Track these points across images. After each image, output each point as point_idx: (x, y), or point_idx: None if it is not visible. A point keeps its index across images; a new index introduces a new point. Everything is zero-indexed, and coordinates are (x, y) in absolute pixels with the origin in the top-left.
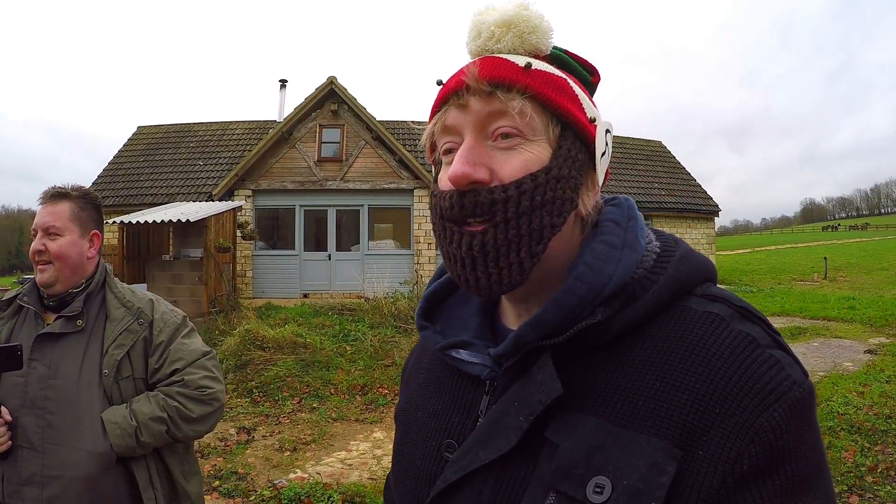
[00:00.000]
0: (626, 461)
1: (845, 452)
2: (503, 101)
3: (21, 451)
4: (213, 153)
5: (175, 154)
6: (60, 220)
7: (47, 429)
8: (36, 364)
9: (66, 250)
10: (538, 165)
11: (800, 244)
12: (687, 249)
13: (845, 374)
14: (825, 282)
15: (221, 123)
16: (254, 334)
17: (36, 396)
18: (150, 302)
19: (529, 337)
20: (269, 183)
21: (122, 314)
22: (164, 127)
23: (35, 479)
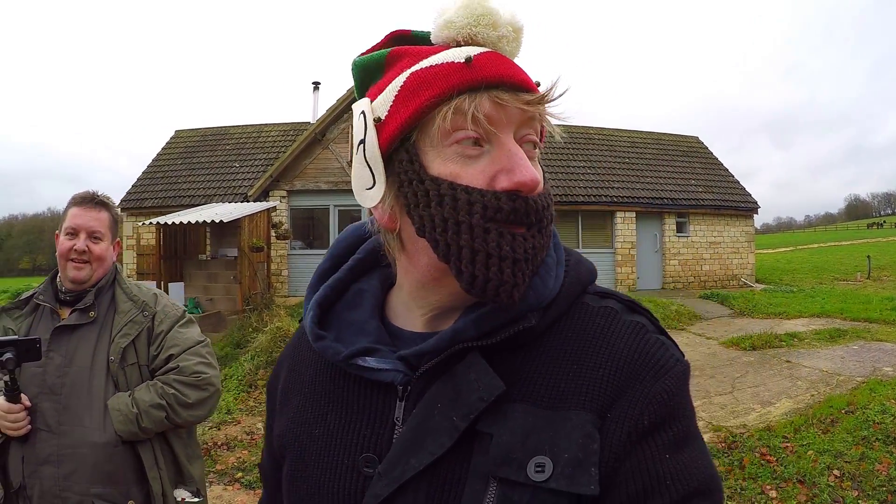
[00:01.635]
0: (561, 437)
1: (879, 465)
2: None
3: (39, 434)
4: (248, 155)
5: (212, 156)
6: (103, 226)
7: (63, 412)
8: (53, 354)
9: (105, 253)
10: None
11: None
12: (578, 255)
13: (884, 380)
14: (868, 281)
15: (256, 126)
16: (284, 332)
17: (53, 384)
18: (153, 296)
19: (469, 334)
20: (303, 184)
21: (129, 307)
22: (200, 130)
23: (52, 459)
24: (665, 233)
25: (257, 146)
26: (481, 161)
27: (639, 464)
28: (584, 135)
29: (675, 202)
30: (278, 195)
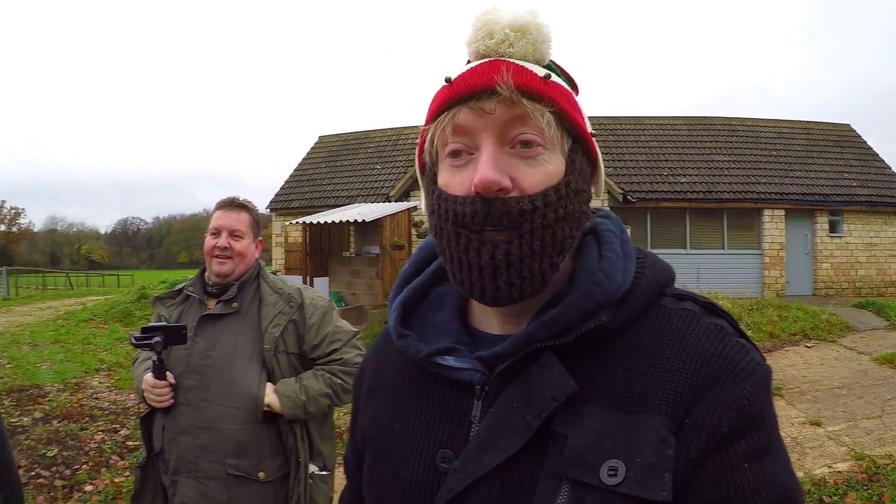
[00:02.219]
0: (635, 441)
1: None
2: (530, 110)
3: (180, 408)
4: (388, 157)
5: (354, 159)
6: (244, 225)
7: (203, 390)
8: (198, 339)
9: (245, 249)
10: (557, 178)
11: None
12: (654, 256)
13: None
14: None
15: (396, 129)
16: None
17: (197, 364)
18: (298, 290)
19: (541, 335)
20: None
21: (276, 299)
22: (342, 135)
23: (189, 430)
24: (817, 233)
25: (397, 148)
26: (467, 169)
27: (716, 472)
28: (726, 126)
29: (828, 199)
30: (419, 195)
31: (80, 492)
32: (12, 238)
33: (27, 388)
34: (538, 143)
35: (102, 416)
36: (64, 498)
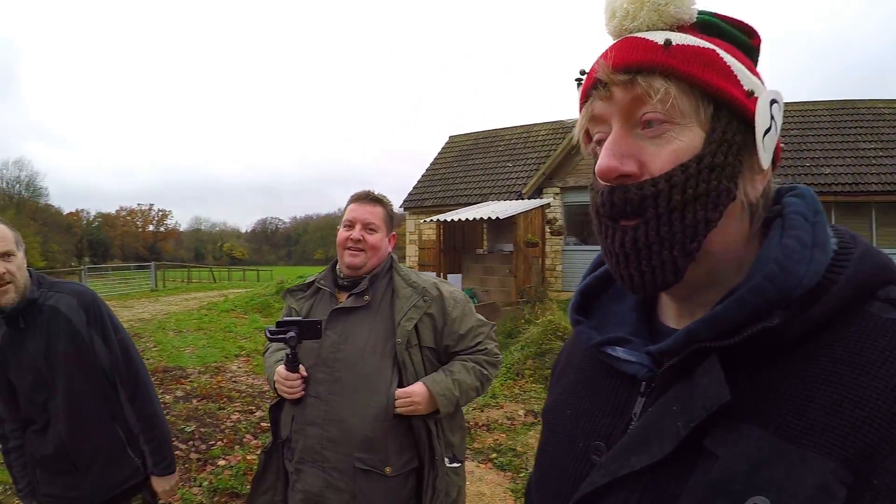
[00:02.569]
0: (791, 481)
1: None
2: (644, 86)
3: (310, 400)
4: (520, 155)
5: (485, 158)
6: (377, 218)
7: (334, 383)
8: (329, 332)
9: (379, 243)
10: (689, 154)
11: None
12: (867, 246)
13: None
14: None
15: (525, 127)
16: (556, 325)
17: (327, 357)
18: (434, 284)
19: (702, 334)
20: (575, 180)
21: (410, 293)
22: (473, 134)
23: (318, 422)
24: None
25: (528, 146)
26: None
27: None
28: (872, 111)
29: None
30: (552, 192)
31: (213, 465)
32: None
33: (171, 369)
34: (662, 119)
35: (239, 398)
36: (197, 470)
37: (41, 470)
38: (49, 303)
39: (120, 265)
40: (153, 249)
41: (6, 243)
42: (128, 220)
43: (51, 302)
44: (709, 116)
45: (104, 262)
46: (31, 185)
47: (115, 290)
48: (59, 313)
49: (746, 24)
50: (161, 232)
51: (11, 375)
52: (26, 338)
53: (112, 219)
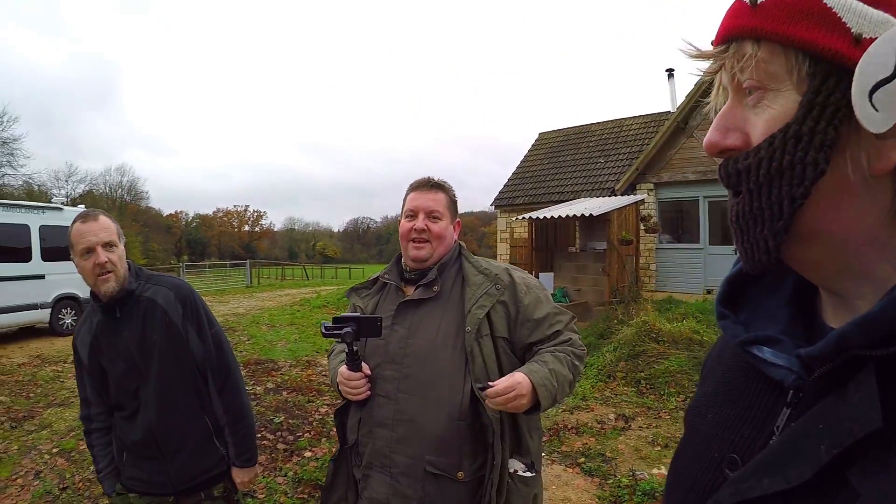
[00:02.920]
0: None
1: None
2: (733, 53)
3: (378, 399)
4: (611, 150)
5: (576, 154)
6: (441, 206)
7: (403, 381)
8: (397, 327)
9: (444, 231)
10: (781, 122)
11: None
12: None
13: None
14: None
15: (616, 121)
16: (650, 326)
17: (395, 353)
18: (505, 270)
19: (855, 340)
20: (670, 175)
21: (481, 280)
22: (563, 131)
23: (387, 423)
24: None
25: (619, 141)
26: None
27: None
28: None
29: None
30: (645, 188)
31: (299, 456)
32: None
33: (263, 361)
34: (757, 86)
35: (329, 392)
36: (284, 460)
37: (128, 454)
38: (146, 294)
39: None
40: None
41: (109, 234)
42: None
43: (148, 294)
44: (804, 76)
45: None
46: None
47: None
48: (156, 305)
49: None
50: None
51: (104, 362)
52: (122, 327)
53: (209, 219)
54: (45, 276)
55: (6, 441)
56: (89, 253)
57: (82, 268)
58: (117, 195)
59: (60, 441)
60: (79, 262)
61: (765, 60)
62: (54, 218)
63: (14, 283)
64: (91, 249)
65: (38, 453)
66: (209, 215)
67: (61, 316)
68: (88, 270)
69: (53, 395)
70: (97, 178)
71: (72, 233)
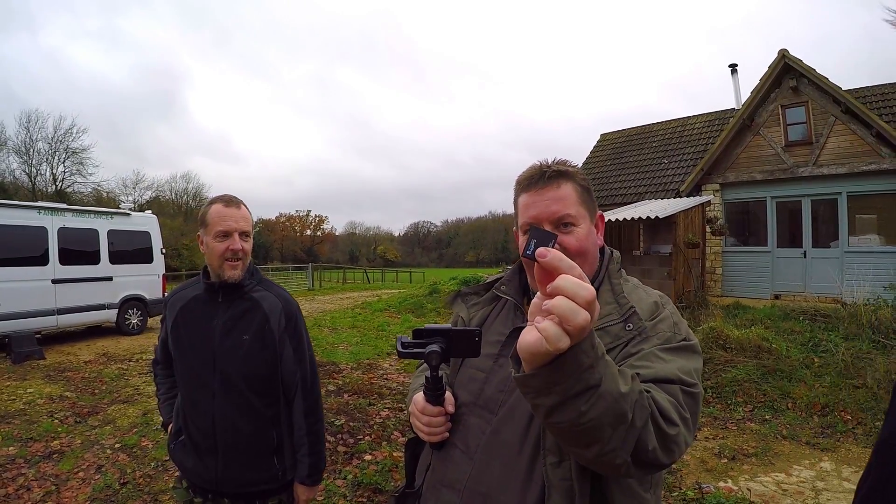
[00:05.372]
0: None
1: None
2: None
3: (454, 451)
4: (675, 150)
5: (639, 155)
6: (571, 206)
7: (491, 437)
8: (504, 361)
9: (585, 244)
10: None
11: None
12: None
13: None
14: None
15: (680, 120)
16: (717, 333)
17: (491, 398)
18: (653, 304)
19: None
20: (735, 175)
21: (610, 310)
22: (625, 132)
23: (457, 486)
24: None
25: (683, 140)
26: None
27: None
28: None
29: None
30: (711, 189)
31: (359, 459)
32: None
33: (325, 364)
34: None
35: (390, 395)
36: (344, 462)
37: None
38: (254, 295)
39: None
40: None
41: (248, 223)
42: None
43: (256, 295)
44: None
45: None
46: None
47: None
48: (259, 308)
49: None
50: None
51: (182, 331)
52: (217, 312)
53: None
54: (112, 277)
55: (70, 435)
56: (226, 237)
57: (212, 248)
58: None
59: (123, 437)
60: (210, 242)
61: None
62: (122, 223)
63: (84, 284)
64: (229, 234)
65: (101, 448)
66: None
67: (127, 316)
68: (219, 252)
69: (118, 392)
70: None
71: (210, 212)
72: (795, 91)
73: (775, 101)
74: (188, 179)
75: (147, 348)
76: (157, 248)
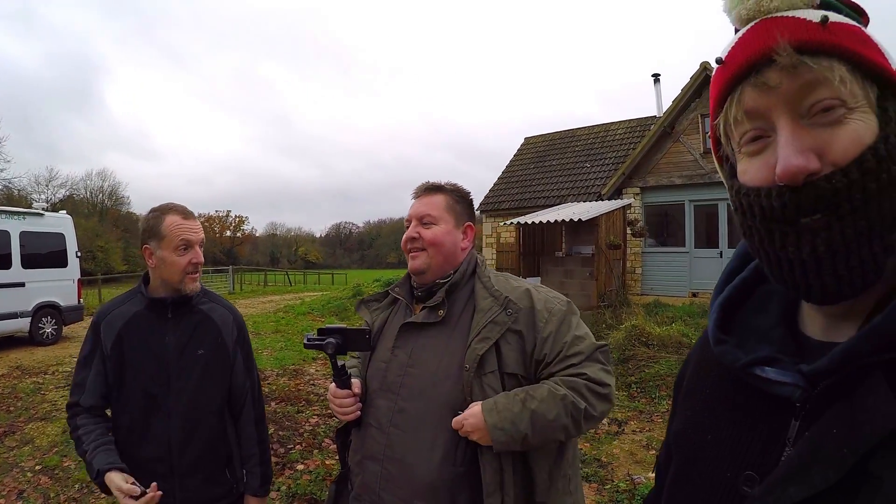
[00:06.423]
0: None
1: None
2: (815, 68)
3: (370, 430)
4: (598, 155)
5: (562, 159)
6: (436, 209)
7: (397, 414)
8: (398, 351)
9: (440, 237)
10: (872, 136)
11: None
12: None
13: None
14: None
15: (603, 126)
16: (639, 330)
17: (393, 382)
18: (525, 292)
19: (865, 349)
20: (656, 179)
21: (489, 304)
22: (549, 136)
23: (377, 457)
24: None
25: (606, 145)
26: (765, 154)
27: None
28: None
29: None
30: (632, 192)
31: (291, 470)
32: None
33: None
34: (839, 104)
35: (318, 401)
36: (276, 474)
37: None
38: (202, 307)
39: None
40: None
41: (203, 233)
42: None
43: (204, 308)
44: (875, 97)
45: None
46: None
47: None
48: (210, 321)
49: (856, 3)
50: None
51: (129, 354)
52: (167, 329)
53: None
54: (25, 283)
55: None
56: (187, 249)
57: (173, 262)
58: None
59: (43, 458)
60: (167, 256)
61: (846, 80)
62: (35, 224)
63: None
64: (191, 245)
65: (21, 471)
66: None
67: (41, 325)
68: (181, 266)
69: (35, 409)
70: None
71: (166, 224)
72: None
73: (695, 110)
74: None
75: (63, 359)
76: (72, 250)
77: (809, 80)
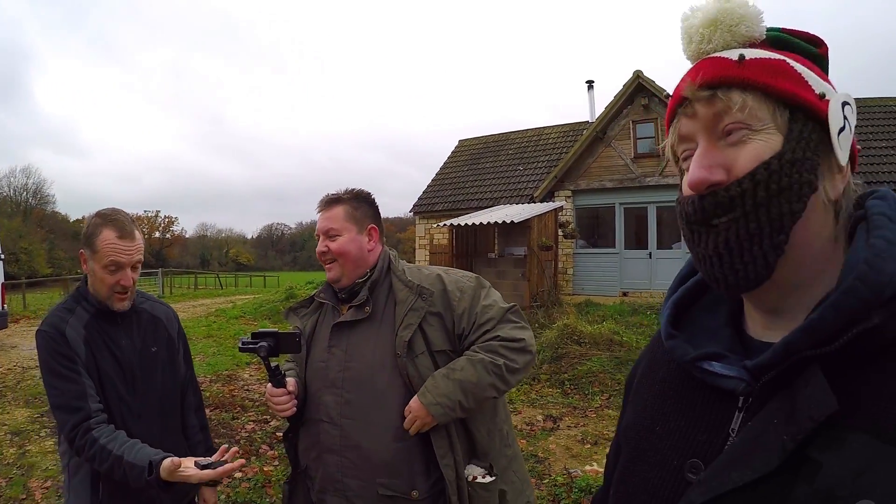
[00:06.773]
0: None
1: None
2: (724, 99)
3: (322, 425)
4: (531, 158)
5: (496, 161)
6: (336, 222)
7: (345, 406)
8: (335, 350)
9: (345, 247)
10: (770, 153)
11: None
12: None
13: None
14: None
15: (536, 130)
16: (571, 329)
17: (335, 378)
18: (436, 277)
19: (801, 344)
20: (587, 183)
21: (406, 295)
22: (483, 138)
23: (335, 448)
24: None
25: (539, 149)
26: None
27: None
28: (883, 108)
29: None
30: (564, 195)
31: (229, 477)
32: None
33: None
34: (742, 126)
35: (253, 407)
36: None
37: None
38: (144, 307)
39: None
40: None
41: (141, 252)
42: None
43: (146, 307)
44: (786, 120)
45: None
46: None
47: None
48: (157, 319)
49: (813, 36)
50: (167, 238)
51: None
52: (119, 335)
53: None
54: None
55: None
56: (117, 270)
57: (100, 278)
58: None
59: None
60: (97, 271)
61: (753, 105)
62: None
63: None
64: (121, 267)
65: None
66: None
67: None
68: (108, 284)
69: None
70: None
71: (100, 240)
72: (646, 108)
73: (627, 116)
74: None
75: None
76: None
77: (720, 108)
